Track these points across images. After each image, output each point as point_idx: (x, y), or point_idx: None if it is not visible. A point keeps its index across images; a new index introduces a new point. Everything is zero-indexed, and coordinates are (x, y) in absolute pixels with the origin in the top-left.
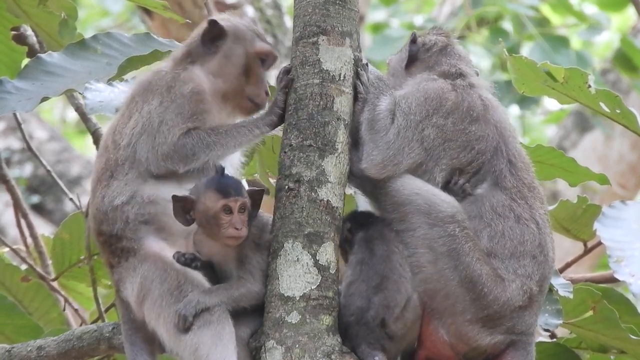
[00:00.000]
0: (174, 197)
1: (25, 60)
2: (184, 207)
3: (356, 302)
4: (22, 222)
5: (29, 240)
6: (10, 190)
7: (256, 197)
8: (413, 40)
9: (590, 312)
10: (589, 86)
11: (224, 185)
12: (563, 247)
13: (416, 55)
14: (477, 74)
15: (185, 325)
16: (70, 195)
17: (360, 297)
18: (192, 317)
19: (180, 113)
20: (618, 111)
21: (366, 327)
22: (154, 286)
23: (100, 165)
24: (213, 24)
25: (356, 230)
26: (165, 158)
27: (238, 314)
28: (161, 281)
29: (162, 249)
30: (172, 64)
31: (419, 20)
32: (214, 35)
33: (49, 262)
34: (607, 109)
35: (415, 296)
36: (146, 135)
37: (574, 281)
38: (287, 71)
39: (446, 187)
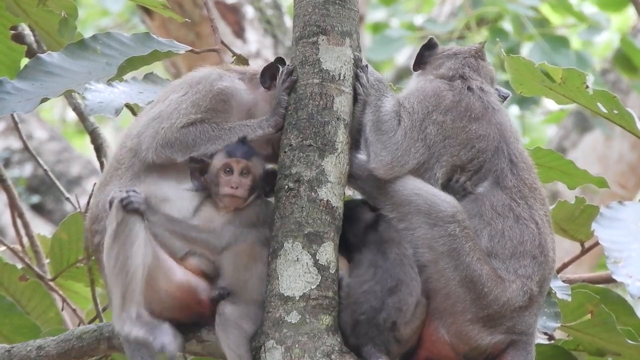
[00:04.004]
0: (192, 159)
1: (25, 60)
2: (200, 170)
3: (371, 301)
4: (19, 221)
5: (25, 239)
6: (7, 189)
7: (272, 177)
8: (427, 45)
9: (588, 316)
10: (587, 87)
11: (233, 148)
12: (563, 248)
13: (425, 58)
14: (505, 97)
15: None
16: (68, 195)
17: (375, 298)
18: (118, 203)
19: (197, 104)
20: (616, 112)
21: (376, 329)
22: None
23: (109, 164)
24: (281, 61)
25: (364, 233)
26: (165, 145)
27: (242, 306)
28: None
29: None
30: (223, 69)
31: (418, 20)
32: (274, 73)
33: (46, 261)
34: (604, 110)
35: (424, 299)
36: (156, 122)
37: (571, 282)
38: (290, 72)
39: (447, 185)
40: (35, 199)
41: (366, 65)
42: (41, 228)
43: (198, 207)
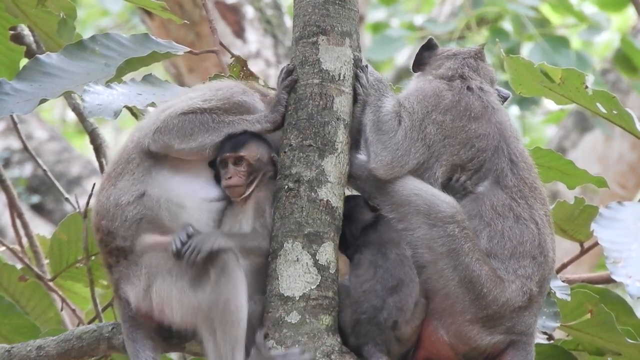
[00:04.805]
0: (209, 164)
1: (24, 60)
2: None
3: (372, 300)
4: (18, 222)
5: (25, 240)
6: (6, 190)
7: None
8: (426, 45)
9: (588, 315)
10: (586, 87)
11: (224, 143)
12: (562, 248)
13: (425, 59)
14: (505, 97)
15: (193, 257)
16: (67, 196)
17: (376, 297)
18: (205, 253)
19: (208, 100)
20: (615, 112)
21: (377, 328)
22: (160, 267)
23: (115, 157)
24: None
25: (362, 232)
26: (163, 129)
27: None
28: (166, 260)
29: (156, 238)
30: (248, 86)
31: (419, 20)
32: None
33: (45, 261)
34: (604, 110)
35: (422, 299)
36: (160, 111)
37: (571, 282)
38: (289, 71)
39: (448, 184)
40: (35, 199)
41: (366, 65)
42: (41, 228)
43: (218, 219)
